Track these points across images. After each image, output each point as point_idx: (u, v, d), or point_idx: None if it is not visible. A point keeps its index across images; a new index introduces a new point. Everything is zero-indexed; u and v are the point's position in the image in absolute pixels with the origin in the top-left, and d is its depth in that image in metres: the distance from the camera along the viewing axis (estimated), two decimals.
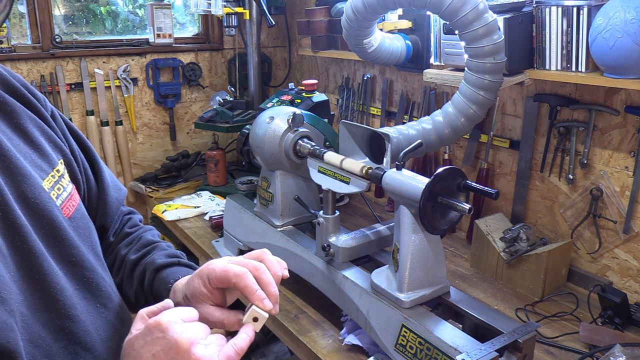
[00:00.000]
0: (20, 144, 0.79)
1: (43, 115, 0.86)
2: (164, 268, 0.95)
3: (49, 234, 0.76)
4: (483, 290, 1.62)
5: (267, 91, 2.92)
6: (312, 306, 1.53)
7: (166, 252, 0.99)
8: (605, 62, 1.37)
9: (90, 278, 0.82)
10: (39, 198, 0.76)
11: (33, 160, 0.79)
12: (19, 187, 0.74)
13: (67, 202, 0.82)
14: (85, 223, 0.86)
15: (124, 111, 2.57)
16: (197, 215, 2.16)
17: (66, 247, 0.78)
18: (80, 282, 0.80)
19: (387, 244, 1.46)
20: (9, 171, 0.74)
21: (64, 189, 0.83)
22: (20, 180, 0.75)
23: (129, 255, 1.00)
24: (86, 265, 0.81)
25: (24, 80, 0.87)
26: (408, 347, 1.15)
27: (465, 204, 1.09)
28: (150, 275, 0.95)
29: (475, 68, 1.49)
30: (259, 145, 1.58)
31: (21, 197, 0.74)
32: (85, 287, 0.80)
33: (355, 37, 1.77)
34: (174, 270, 0.94)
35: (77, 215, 0.84)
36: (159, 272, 0.94)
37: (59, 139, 0.87)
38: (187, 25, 2.84)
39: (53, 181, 0.81)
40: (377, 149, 1.41)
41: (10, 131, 0.79)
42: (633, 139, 1.48)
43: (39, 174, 0.78)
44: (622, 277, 1.57)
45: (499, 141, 1.84)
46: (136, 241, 1.03)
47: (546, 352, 1.33)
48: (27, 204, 0.75)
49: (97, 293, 0.82)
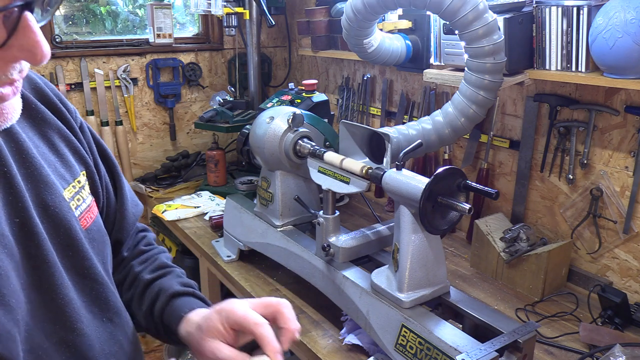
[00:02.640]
0: (45, 152, 0.80)
1: (71, 126, 0.87)
2: (179, 296, 0.94)
3: (64, 243, 0.76)
4: (483, 290, 1.62)
5: (267, 91, 2.92)
6: (312, 306, 1.53)
7: (181, 280, 0.98)
8: (605, 62, 1.37)
9: (100, 292, 0.81)
10: (58, 207, 0.76)
11: (56, 169, 0.80)
12: (40, 195, 0.75)
13: (86, 213, 0.83)
14: (101, 236, 0.86)
15: (124, 111, 2.57)
16: (197, 215, 2.16)
17: (79, 258, 0.78)
18: (89, 295, 0.79)
19: (387, 244, 1.46)
20: (32, 178, 0.75)
21: (84, 200, 0.83)
22: (42, 188, 0.75)
23: (142, 274, 0.99)
24: (97, 279, 0.81)
25: (58, 91, 0.88)
26: (408, 347, 1.15)
27: (465, 204, 1.09)
28: (164, 300, 0.93)
29: (475, 68, 1.49)
30: (259, 145, 1.58)
31: (41, 205, 0.75)
32: (94, 301, 0.80)
33: (355, 37, 1.77)
34: (189, 300, 0.93)
35: (93, 227, 0.84)
36: (174, 298, 0.93)
37: (84, 150, 0.88)
38: (187, 25, 2.84)
39: (74, 191, 0.81)
40: (377, 149, 1.41)
41: (38, 138, 0.80)
42: (633, 139, 1.48)
43: (60, 183, 0.79)
44: (622, 277, 1.57)
45: (499, 141, 1.84)
46: (151, 261, 1.03)
47: (546, 352, 1.33)
48: (47, 211, 0.75)
49: (105, 307, 0.82)
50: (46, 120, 0.82)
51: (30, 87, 0.83)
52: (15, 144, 0.74)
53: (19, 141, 0.75)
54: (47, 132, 0.81)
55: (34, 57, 0.58)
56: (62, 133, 0.84)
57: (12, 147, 0.74)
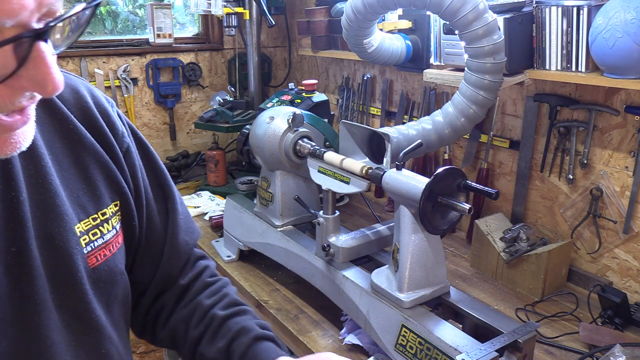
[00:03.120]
0: (71, 178, 0.75)
1: (114, 152, 0.81)
2: (262, 339, 0.90)
3: (61, 281, 0.71)
4: (483, 290, 1.62)
5: (267, 91, 2.92)
6: (312, 306, 1.53)
7: (259, 323, 0.93)
8: (605, 62, 1.37)
9: (92, 336, 0.75)
10: (63, 241, 0.71)
11: (78, 197, 0.75)
12: (47, 225, 0.70)
13: (99, 250, 0.77)
14: (111, 277, 0.79)
15: (124, 111, 2.57)
16: (197, 215, 2.16)
17: (75, 299, 0.73)
18: (80, 339, 0.74)
19: (387, 244, 1.46)
20: (43, 205, 0.70)
21: (102, 235, 0.77)
22: (51, 218, 0.70)
23: (215, 311, 0.93)
24: (92, 324, 0.75)
25: (110, 111, 0.83)
26: (408, 347, 1.15)
27: (465, 204, 1.09)
28: (247, 341, 0.88)
29: (475, 68, 1.49)
30: (259, 145, 1.58)
31: (46, 236, 0.70)
32: (81, 345, 0.74)
33: (355, 37, 1.77)
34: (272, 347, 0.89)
35: (104, 267, 0.77)
36: (257, 342, 0.89)
37: (121, 178, 0.82)
38: (187, 25, 2.84)
39: (91, 225, 0.76)
40: (377, 149, 1.41)
41: (69, 162, 0.75)
42: (633, 139, 1.48)
43: (77, 214, 0.74)
44: (622, 277, 1.57)
45: (499, 141, 1.84)
46: (222, 297, 0.96)
47: (546, 352, 1.33)
48: (50, 244, 0.70)
49: (94, 354, 0.76)
50: (84, 144, 0.77)
51: (76, 106, 0.78)
52: (35, 167, 0.70)
53: (40, 164, 0.70)
54: (82, 157, 0.76)
55: (43, 90, 0.54)
56: (99, 158, 0.79)
57: (30, 170, 0.70)
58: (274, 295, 1.60)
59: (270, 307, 1.54)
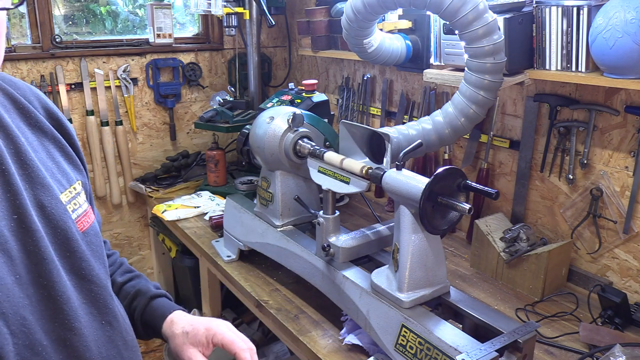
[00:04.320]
0: (43, 158, 0.82)
1: (68, 136, 0.90)
2: (157, 297, 1.05)
3: (62, 244, 0.77)
4: (483, 290, 1.62)
5: (267, 91, 2.92)
6: (312, 306, 1.53)
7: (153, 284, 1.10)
8: (605, 62, 1.37)
9: (98, 294, 0.82)
10: (55, 208, 0.78)
11: (53, 173, 0.82)
12: (38, 196, 0.76)
13: (82, 217, 0.84)
14: (98, 241, 0.87)
15: (124, 111, 2.57)
16: (197, 215, 2.16)
17: (77, 259, 0.79)
18: (87, 296, 0.80)
19: (387, 244, 1.46)
20: (30, 179, 0.76)
21: (80, 205, 0.85)
22: (39, 189, 0.77)
23: (115, 277, 1.07)
24: (95, 281, 0.82)
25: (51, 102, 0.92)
26: (408, 347, 1.15)
27: (465, 204, 1.09)
28: (143, 301, 1.04)
29: (475, 68, 1.49)
30: (259, 145, 1.58)
31: (39, 205, 0.76)
32: (92, 302, 0.81)
33: (355, 37, 1.77)
34: (169, 302, 1.06)
35: (91, 231, 0.85)
36: (154, 300, 1.05)
37: (80, 162, 0.91)
38: (187, 25, 2.84)
39: (70, 196, 0.83)
40: (377, 149, 1.41)
41: (36, 145, 0.82)
42: (633, 139, 1.48)
43: (57, 187, 0.80)
44: (622, 277, 1.57)
45: (499, 141, 1.84)
46: (117, 265, 1.11)
47: (546, 352, 1.33)
48: (44, 212, 0.76)
49: (103, 310, 0.82)
50: (44, 130, 0.84)
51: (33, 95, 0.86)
52: (14, 145, 0.76)
53: (18, 143, 0.76)
54: (44, 141, 0.84)
55: None
56: (58, 143, 0.86)
57: (10, 148, 0.75)
58: (274, 295, 1.60)
59: (270, 307, 1.54)
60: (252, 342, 0.97)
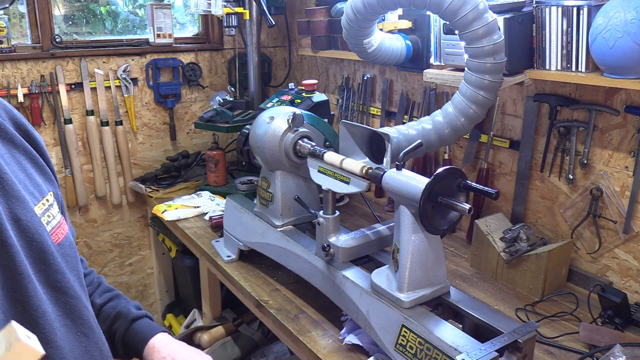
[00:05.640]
0: (15, 170, 0.82)
1: (41, 151, 0.90)
2: (138, 319, 1.06)
3: (37, 257, 0.77)
4: (483, 290, 1.62)
5: (267, 91, 2.92)
6: (312, 306, 1.53)
7: (134, 304, 1.09)
8: (605, 62, 1.37)
9: (73, 306, 0.82)
10: (30, 221, 0.78)
11: (26, 186, 0.82)
12: (13, 209, 0.76)
13: (57, 229, 0.84)
14: (73, 252, 0.87)
15: (124, 111, 2.57)
16: (197, 215, 2.16)
17: (52, 272, 0.79)
18: (63, 308, 0.80)
19: (387, 244, 1.46)
20: (4, 192, 0.76)
21: (54, 217, 0.85)
22: (14, 202, 0.77)
23: (94, 299, 1.07)
24: (70, 293, 0.82)
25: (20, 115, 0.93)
26: (408, 347, 1.15)
27: (465, 204, 1.09)
28: (124, 324, 1.05)
29: (475, 68, 1.49)
30: (259, 145, 1.58)
31: (14, 219, 0.76)
32: (67, 315, 0.81)
33: (355, 37, 1.77)
34: (150, 324, 1.06)
35: (65, 243, 0.85)
36: (134, 322, 1.05)
37: (51, 174, 0.91)
38: (187, 25, 2.84)
39: (44, 208, 0.83)
40: (377, 149, 1.41)
41: (8, 157, 0.82)
42: (633, 139, 1.48)
43: (31, 199, 0.80)
44: (622, 277, 1.57)
45: (499, 141, 1.84)
46: (95, 284, 1.10)
47: (546, 352, 1.33)
48: (19, 225, 0.76)
49: (79, 321, 0.83)
50: (15, 142, 0.84)
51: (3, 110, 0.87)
52: None
53: None
54: (15, 154, 0.84)
55: None
56: (29, 155, 0.86)
57: None
58: (274, 295, 1.60)
59: (270, 307, 1.54)
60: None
